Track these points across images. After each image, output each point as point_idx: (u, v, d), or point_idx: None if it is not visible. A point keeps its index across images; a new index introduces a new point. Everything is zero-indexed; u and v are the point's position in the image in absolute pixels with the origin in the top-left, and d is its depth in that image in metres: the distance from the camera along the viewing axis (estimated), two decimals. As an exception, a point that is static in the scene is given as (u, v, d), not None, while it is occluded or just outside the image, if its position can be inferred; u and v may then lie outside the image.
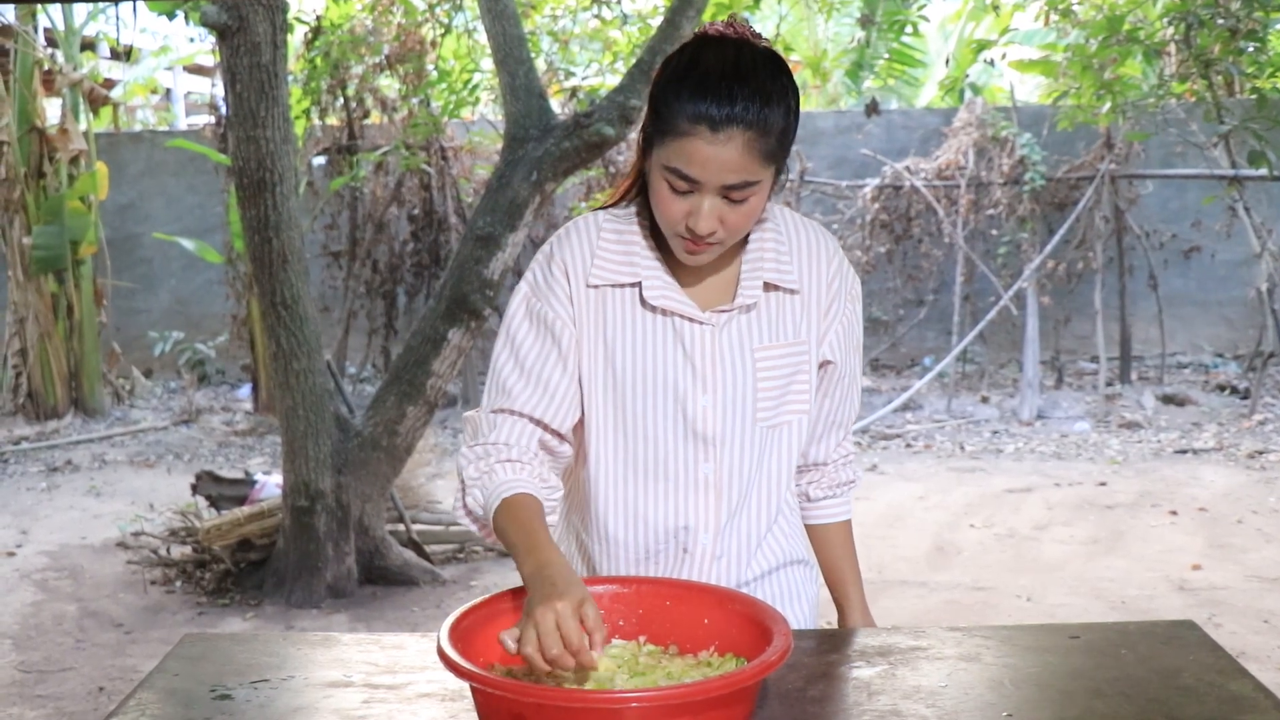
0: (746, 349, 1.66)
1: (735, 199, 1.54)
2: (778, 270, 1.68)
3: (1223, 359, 9.79)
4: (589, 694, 1.34)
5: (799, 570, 1.83)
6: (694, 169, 1.51)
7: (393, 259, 9.33)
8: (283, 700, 1.56)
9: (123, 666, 4.29)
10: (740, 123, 1.49)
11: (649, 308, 1.65)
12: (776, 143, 1.53)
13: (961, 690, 1.55)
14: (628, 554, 1.73)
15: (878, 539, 5.67)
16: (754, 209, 1.57)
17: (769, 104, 1.50)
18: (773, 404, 1.68)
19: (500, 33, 5.08)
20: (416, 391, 5.00)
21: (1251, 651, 4.11)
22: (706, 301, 1.67)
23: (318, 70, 8.44)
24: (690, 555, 1.71)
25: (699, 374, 1.65)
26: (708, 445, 1.67)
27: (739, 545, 1.73)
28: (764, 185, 1.55)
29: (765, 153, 1.52)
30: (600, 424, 1.69)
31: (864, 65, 9.63)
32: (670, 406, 1.66)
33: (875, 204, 9.23)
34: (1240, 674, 1.58)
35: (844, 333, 1.74)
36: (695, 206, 1.54)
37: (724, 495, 1.69)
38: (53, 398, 8.93)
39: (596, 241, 1.67)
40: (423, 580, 5.15)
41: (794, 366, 1.69)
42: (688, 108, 1.50)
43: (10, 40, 8.66)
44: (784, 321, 1.69)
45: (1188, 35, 6.64)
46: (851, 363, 1.78)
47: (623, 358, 1.66)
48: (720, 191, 1.53)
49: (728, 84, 1.50)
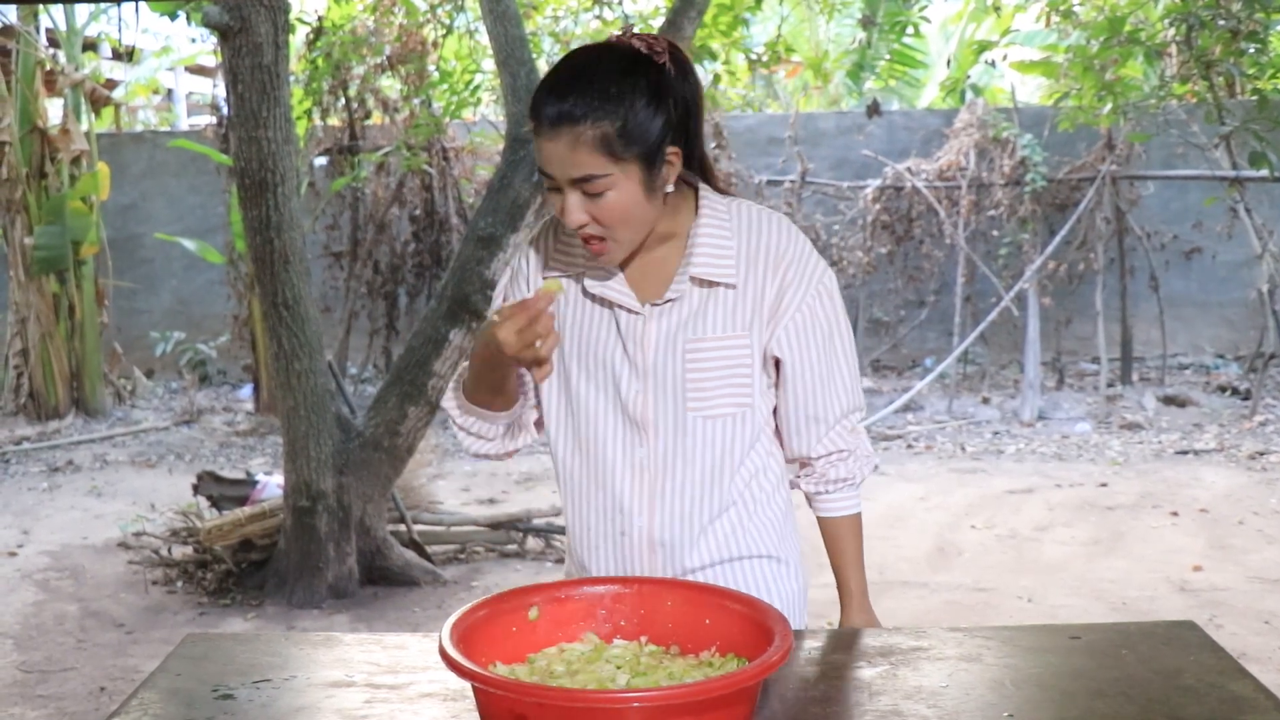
0: (678, 340, 1.72)
1: (590, 192, 1.61)
2: (710, 265, 1.71)
3: (1224, 360, 9.79)
4: (591, 694, 1.35)
5: (764, 566, 1.82)
6: (542, 164, 1.63)
7: (394, 259, 9.33)
8: (285, 700, 1.57)
9: (124, 666, 4.29)
10: (569, 119, 1.57)
11: (590, 297, 1.76)
12: (619, 141, 1.58)
13: (963, 691, 1.55)
14: (581, 534, 1.83)
15: (879, 539, 5.67)
16: (620, 203, 1.62)
17: (605, 101, 1.57)
18: (705, 394, 1.73)
19: (502, 34, 5.08)
20: (418, 392, 5.00)
21: (1252, 653, 4.11)
22: (648, 293, 1.74)
23: (319, 71, 8.45)
24: (628, 538, 1.78)
25: (633, 361, 1.74)
26: (641, 430, 1.75)
27: (677, 533, 1.77)
28: (621, 179, 1.60)
29: (605, 148, 1.58)
30: (554, 409, 1.81)
31: (865, 66, 9.63)
32: (610, 391, 1.75)
33: (876, 205, 9.23)
34: (1241, 675, 1.58)
35: (801, 328, 1.74)
36: (562, 206, 1.64)
37: (657, 480, 1.76)
38: (54, 398, 8.94)
39: (558, 235, 1.81)
40: (424, 580, 5.15)
41: (731, 359, 1.73)
42: (534, 107, 1.61)
43: (12, 40, 8.67)
44: (717, 316, 1.72)
45: (1189, 36, 6.63)
46: (816, 358, 1.76)
47: (569, 344, 1.78)
48: (573, 186, 1.61)
49: (564, 83, 1.60)
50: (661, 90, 1.62)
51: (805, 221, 9.28)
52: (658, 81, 1.61)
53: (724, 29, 7.87)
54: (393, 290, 9.38)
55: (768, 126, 10.08)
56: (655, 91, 1.61)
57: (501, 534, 5.58)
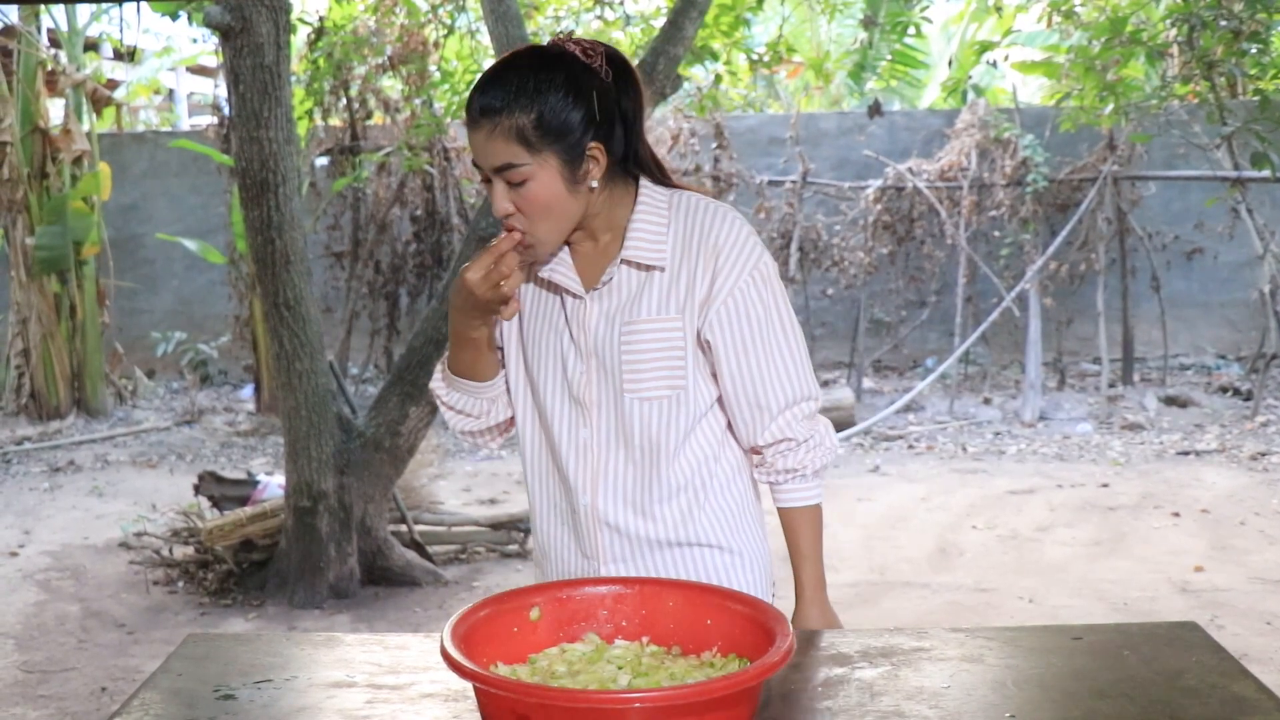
0: (615, 322, 1.79)
1: (513, 181, 1.69)
2: (641, 249, 1.77)
3: (1225, 361, 9.79)
4: (592, 694, 1.35)
5: (715, 555, 1.85)
6: (472, 156, 1.73)
7: (395, 260, 9.34)
8: (286, 700, 1.57)
9: (125, 667, 4.29)
10: (487, 112, 1.68)
11: (540, 283, 1.85)
12: (534, 133, 1.67)
13: (964, 691, 1.55)
14: (540, 513, 1.92)
15: (880, 540, 5.67)
16: (539, 193, 1.69)
17: (520, 95, 1.67)
18: (640, 376, 1.78)
19: (503, 34, 5.08)
20: (419, 392, 5.00)
21: (1254, 653, 4.11)
22: (591, 280, 1.82)
23: (321, 71, 8.45)
24: (577, 516, 1.85)
25: (577, 344, 1.82)
26: (584, 410, 1.82)
27: (621, 512, 1.83)
28: (539, 170, 1.68)
29: (520, 138, 1.67)
30: (519, 391, 1.90)
31: (867, 66, 9.65)
32: (558, 372, 1.84)
33: (878, 205, 9.22)
34: (1243, 675, 1.58)
35: (734, 313, 1.77)
36: (490, 196, 1.73)
37: (599, 459, 1.82)
38: (55, 398, 8.94)
39: None
40: (425, 581, 5.16)
41: (663, 342, 1.78)
42: (466, 104, 1.72)
43: (13, 41, 8.68)
44: (650, 298, 1.78)
45: (1190, 37, 6.63)
46: (751, 343, 1.78)
47: (528, 328, 1.88)
48: (497, 175, 1.70)
49: (487, 80, 1.71)
50: (581, 86, 1.69)
51: (806, 222, 9.29)
52: (576, 78, 1.70)
53: (725, 29, 7.88)
54: (394, 290, 9.38)
55: (769, 127, 10.08)
56: (573, 87, 1.69)
57: (502, 534, 5.58)
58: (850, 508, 6.20)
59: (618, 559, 1.84)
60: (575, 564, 1.88)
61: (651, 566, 1.84)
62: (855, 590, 4.95)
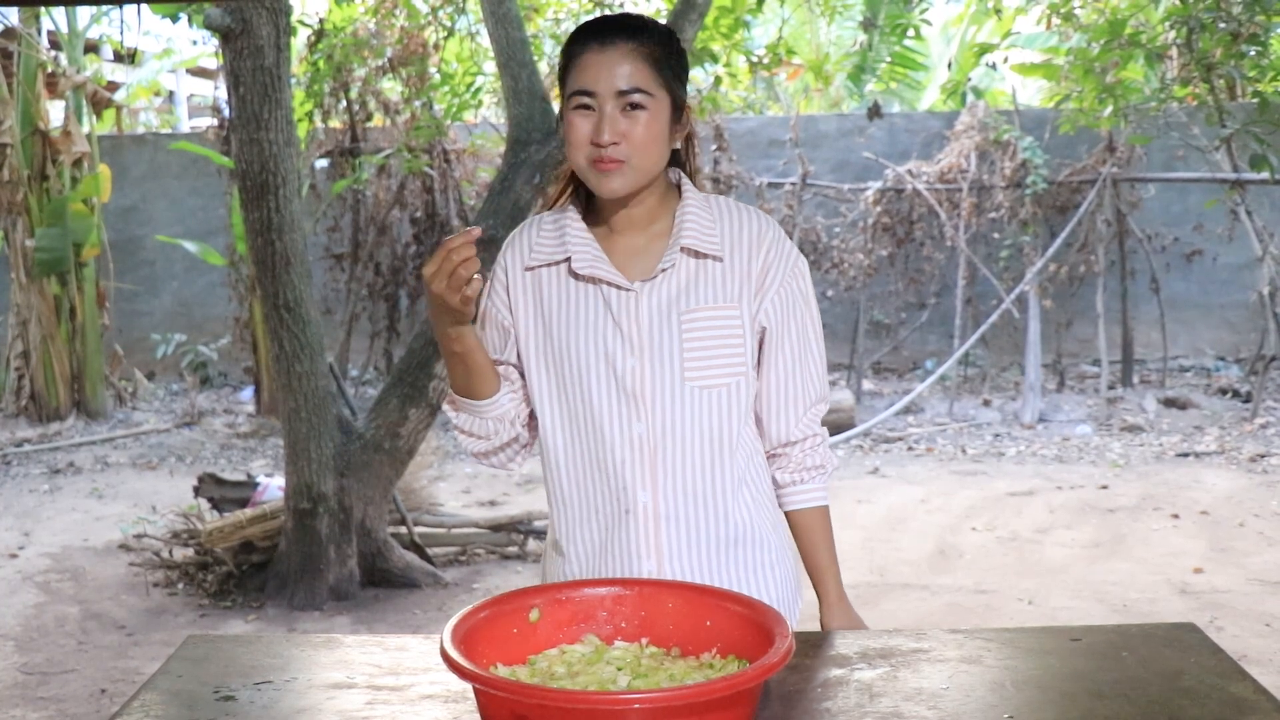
0: (673, 312, 1.77)
1: (633, 104, 1.69)
2: (699, 239, 1.78)
3: (1224, 362, 9.79)
4: (592, 695, 1.35)
5: (771, 549, 1.86)
6: (588, 79, 1.70)
7: (395, 261, 9.34)
8: (286, 702, 1.57)
9: (125, 668, 4.29)
10: (623, 32, 1.71)
11: (578, 278, 1.80)
12: (664, 64, 1.72)
13: (963, 692, 1.55)
14: (578, 515, 1.84)
15: (880, 541, 5.67)
16: (652, 127, 1.71)
17: (648, 31, 1.73)
18: (702, 364, 1.77)
19: (503, 36, 5.09)
20: (419, 394, 5.00)
21: (1253, 655, 4.11)
22: (634, 274, 1.79)
23: (321, 73, 8.45)
24: (632, 515, 1.79)
25: (626, 337, 1.77)
26: (638, 404, 1.77)
27: (686, 506, 1.79)
28: (659, 105, 1.72)
29: (653, 67, 1.71)
30: (544, 394, 1.83)
31: (866, 68, 9.65)
32: (602, 369, 1.78)
33: (877, 207, 9.23)
34: (1241, 676, 1.58)
35: (784, 303, 1.81)
36: (597, 123, 1.70)
37: (659, 454, 1.78)
38: (55, 400, 8.94)
39: (535, 233, 1.86)
40: (425, 583, 5.16)
41: (723, 329, 1.78)
42: (579, 38, 1.74)
43: (14, 42, 8.68)
44: (710, 285, 1.78)
45: (1189, 39, 6.64)
46: (796, 336, 1.83)
47: (558, 327, 1.80)
48: (616, 99, 1.69)
49: (610, 18, 1.75)
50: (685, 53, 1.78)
51: (806, 224, 9.29)
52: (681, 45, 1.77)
53: (725, 31, 7.88)
54: (394, 292, 9.38)
55: (769, 129, 10.08)
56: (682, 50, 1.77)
57: (502, 536, 5.58)
58: (850, 509, 6.20)
59: (681, 557, 1.79)
60: (621, 569, 1.80)
61: (718, 565, 1.81)
62: (855, 592, 4.92)
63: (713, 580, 1.79)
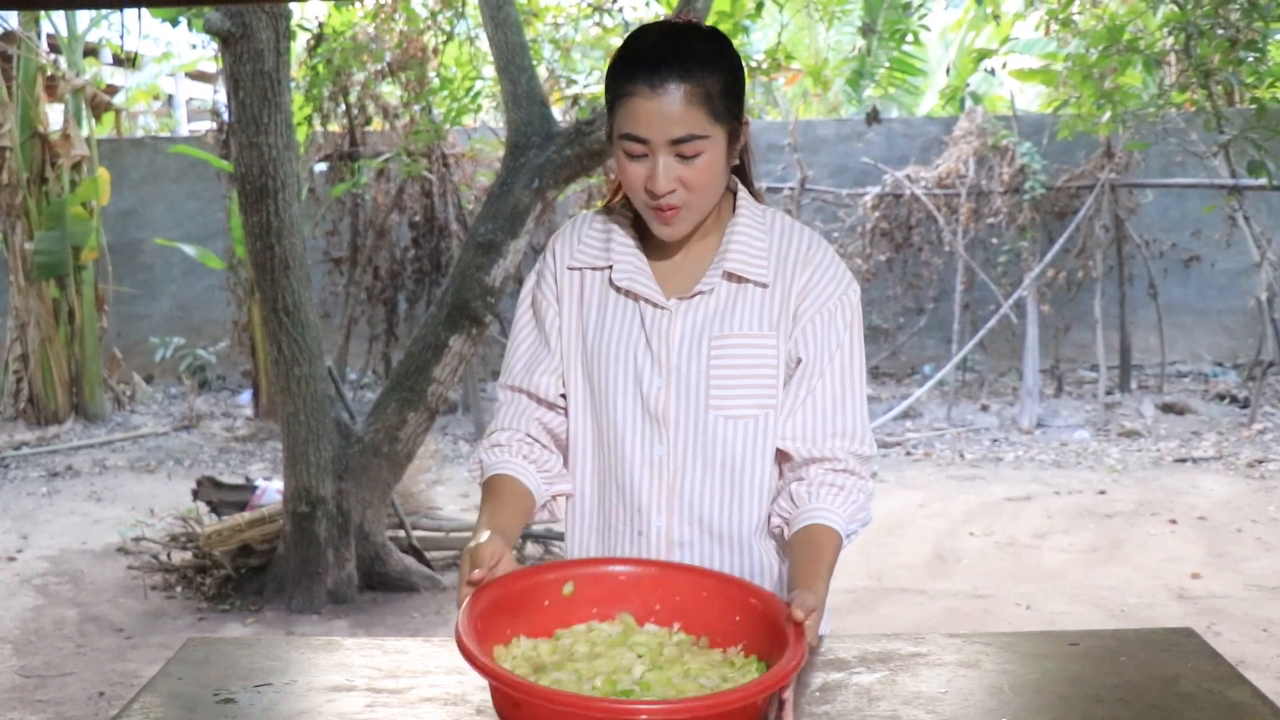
0: (704, 336, 1.70)
1: (686, 154, 1.60)
2: (744, 262, 1.71)
3: (1222, 368, 9.80)
4: (565, 695, 1.33)
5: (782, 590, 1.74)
6: (640, 127, 1.60)
7: (394, 265, 9.34)
8: (286, 704, 1.57)
9: (123, 671, 4.29)
10: (675, 76, 1.58)
11: (617, 290, 1.75)
12: (720, 101, 1.60)
13: (961, 696, 1.55)
14: (592, 526, 1.80)
15: (878, 546, 5.67)
16: (710, 169, 1.62)
17: (703, 64, 1.59)
18: (729, 393, 1.70)
19: (502, 40, 5.09)
20: (418, 398, 5.00)
21: (1250, 660, 4.11)
22: (676, 289, 1.73)
23: (320, 77, 8.46)
24: (645, 537, 1.74)
25: (655, 356, 1.71)
26: (661, 427, 1.72)
27: (698, 536, 1.73)
28: (715, 144, 1.61)
29: (707, 107, 1.59)
30: (577, 397, 1.79)
31: (865, 74, 9.65)
32: (630, 386, 1.73)
33: (876, 212, 9.24)
34: (1239, 681, 1.58)
35: (819, 331, 1.70)
36: (651, 168, 1.61)
37: (677, 479, 1.72)
38: (54, 403, 8.94)
39: (584, 231, 1.80)
40: (423, 586, 5.15)
41: (756, 358, 1.70)
42: (627, 73, 1.61)
43: (13, 46, 8.68)
44: (747, 311, 1.71)
45: (1187, 45, 6.64)
46: (830, 365, 1.71)
47: (593, 336, 1.75)
48: (670, 148, 1.60)
49: (661, 47, 1.60)
50: (740, 62, 1.66)
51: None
52: (735, 54, 1.65)
53: (724, 36, 7.87)
54: (392, 296, 9.38)
55: (767, 133, 10.09)
56: (738, 61, 1.65)
57: (501, 540, 5.57)
58: (848, 514, 6.20)
59: None
60: None
61: None
62: (853, 596, 4.95)
63: None
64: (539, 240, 8.27)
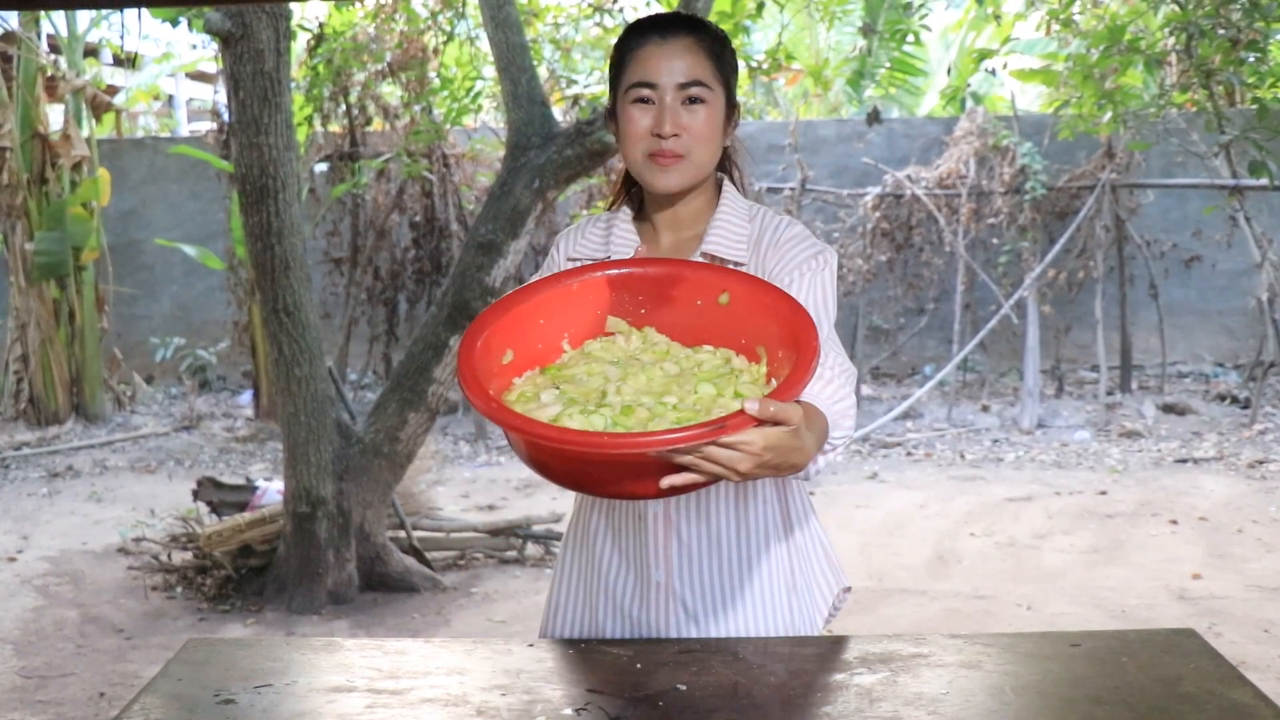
0: None
1: (692, 97, 1.70)
2: (723, 244, 1.78)
3: (1223, 368, 9.80)
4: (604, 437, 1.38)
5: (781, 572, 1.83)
6: (649, 71, 1.71)
7: (394, 266, 9.34)
8: (286, 705, 1.57)
9: (123, 672, 4.29)
10: (684, 27, 1.72)
11: None
12: (722, 59, 1.74)
13: (963, 697, 1.55)
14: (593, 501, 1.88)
15: (878, 547, 5.67)
16: (711, 122, 1.72)
17: (708, 27, 1.76)
18: None
19: (502, 41, 5.09)
20: (418, 398, 5.00)
21: (1252, 660, 4.11)
22: None
23: (320, 77, 8.46)
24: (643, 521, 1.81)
25: None
26: None
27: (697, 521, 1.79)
28: (717, 100, 1.73)
29: (713, 61, 1.72)
30: None
31: (865, 74, 9.64)
32: None
33: (876, 212, 9.24)
34: (1241, 682, 1.58)
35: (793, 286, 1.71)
36: (657, 115, 1.71)
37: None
38: (54, 403, 8.94)
39: (588, 228, 1.90)
40: (423, 587, 5.15)
41: None
42: (637, 30, 1.75)
43: (13, 46, 8.69)
44: None
45: (1189, 45, 6.64)
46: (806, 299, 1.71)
47: None
48: (677, 92, 1.70)
49: (668, 14, 1.79)
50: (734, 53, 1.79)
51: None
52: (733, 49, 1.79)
53: (724, 36, 7.86)
54: (393, 296, 9.39)
55: (768, 134, 10.09)
56: (735, 56, 1.79)
57: (501, 540, 5.58)
58: (849, 515, 6.20)
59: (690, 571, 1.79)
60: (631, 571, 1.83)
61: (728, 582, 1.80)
62: (853, 597, 4.94)
63: (721, 597, 1.79)
64: (539, 240, 8.29)
